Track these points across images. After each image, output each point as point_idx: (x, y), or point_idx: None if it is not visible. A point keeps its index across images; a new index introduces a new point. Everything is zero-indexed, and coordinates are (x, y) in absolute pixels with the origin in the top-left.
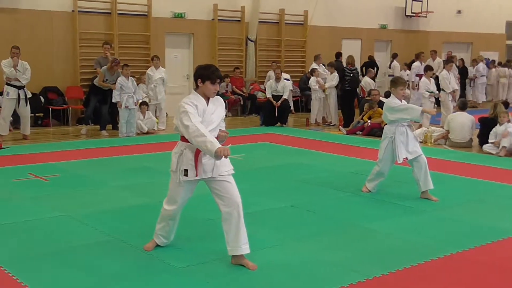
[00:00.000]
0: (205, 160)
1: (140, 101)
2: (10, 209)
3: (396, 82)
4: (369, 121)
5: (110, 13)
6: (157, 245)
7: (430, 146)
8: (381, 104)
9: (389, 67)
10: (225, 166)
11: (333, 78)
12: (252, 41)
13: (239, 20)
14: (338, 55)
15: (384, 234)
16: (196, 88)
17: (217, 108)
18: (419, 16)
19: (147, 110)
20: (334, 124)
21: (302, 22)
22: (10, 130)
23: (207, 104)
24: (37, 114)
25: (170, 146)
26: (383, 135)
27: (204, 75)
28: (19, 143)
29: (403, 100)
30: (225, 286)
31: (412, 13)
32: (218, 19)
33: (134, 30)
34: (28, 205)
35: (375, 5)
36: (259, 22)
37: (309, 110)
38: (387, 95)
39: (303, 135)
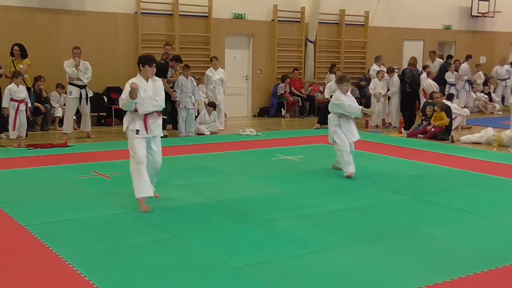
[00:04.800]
0: (151, 121)
1: (206, 101)
2: (75, 205)
3: (342, 79)
4: (432, 125)
5: (171, 14)
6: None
7: (495, 150)
8: (445, 108)
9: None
10: (159, 127)
11: (394, 83)
12: (311, 42)
13: (298, 21)
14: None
15: (445, 240)
16: (140, 71)
17: (155, 85)
18: (485, 16)
19: (213, 110)
20: (394, 127)
21: (363, 23)
22: (74, 129)
23: (147, 83)
24: (100, 114)
25: (228, 147)
26: (329, 122)
27: (144, 61)
28: (83, 141)
29: (347, 94)
30: (281, 287)
31: (478, 13)
32: (278, 20)
33: (195, 31)
34: (91, 202)
35: (439, 5)
36: (319, 22)
37: None
38: (449, 97)
39: (362, 137)
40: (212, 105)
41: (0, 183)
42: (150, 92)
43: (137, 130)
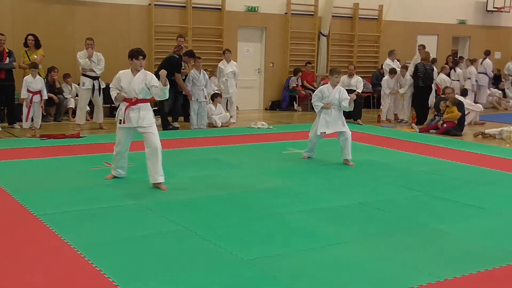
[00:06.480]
0: (131, 114)
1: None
2: (86, 196)
3: (332, 71)
4: (442, 120)
5: (185, 6)
6: (114, 177)
7: (508, 147)
8: (457, 103)
9: (480, 63)
10: (147, 120)
11: (406, 82)
12: (324, 35)
13: (312, 14)
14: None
15: (456, 236)
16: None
17: (143, 78)
18: (501, 11)
19: (218, 102)
20: (407, 122)
21: (377, 17)
22: (87, 120)
23: (134, 76)
24: (112, 105)
25: (240, 140)
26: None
27: (131, 55)
28: (95, 133)
29: (337, 86)
30: (291, 280)
31: (493, 8)
32: (291, 13)
33: (208, 24)
34: (103, 193)
35: None
36: (333, 16)
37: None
38: (464, 93)
39: (374, 132)
40: (217, 95)
41: (13, 173)
42: (134, 84)
43: (120, 120)
